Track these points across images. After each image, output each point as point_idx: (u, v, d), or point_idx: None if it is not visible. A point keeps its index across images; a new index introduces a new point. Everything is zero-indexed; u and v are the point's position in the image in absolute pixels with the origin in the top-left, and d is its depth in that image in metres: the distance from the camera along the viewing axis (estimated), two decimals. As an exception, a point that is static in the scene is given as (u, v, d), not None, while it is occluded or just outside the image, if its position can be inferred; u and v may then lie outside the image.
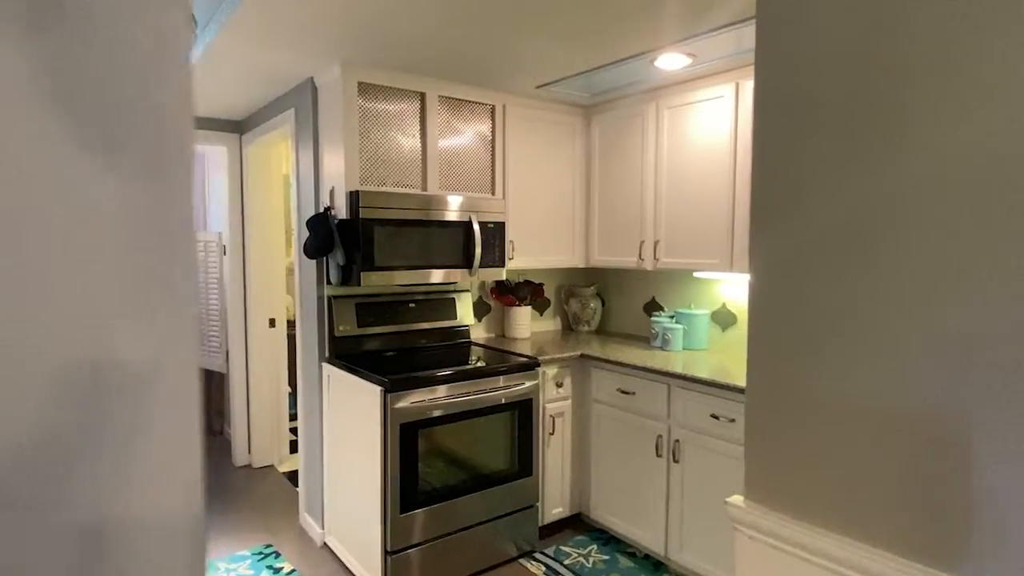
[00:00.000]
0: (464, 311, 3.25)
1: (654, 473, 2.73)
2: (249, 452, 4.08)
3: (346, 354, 2.85)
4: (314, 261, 2.91)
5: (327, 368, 2.87)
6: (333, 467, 2.87)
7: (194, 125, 0.47)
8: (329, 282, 2.82)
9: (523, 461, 2.82)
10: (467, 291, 3.29)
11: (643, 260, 3.16)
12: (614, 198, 3.33)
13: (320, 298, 2.90)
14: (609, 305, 3.78)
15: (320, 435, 2.98)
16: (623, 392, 2.86)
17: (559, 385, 3.00)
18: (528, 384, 2.80)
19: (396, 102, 2.80)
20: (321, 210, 2.78)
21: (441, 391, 2.54)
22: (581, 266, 3.51)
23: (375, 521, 2.47)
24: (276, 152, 3.93)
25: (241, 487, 3.73)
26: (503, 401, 2.72)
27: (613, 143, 3.33)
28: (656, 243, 3.09)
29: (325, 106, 2.81)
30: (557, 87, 3.04)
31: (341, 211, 2.69)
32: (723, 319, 3.15)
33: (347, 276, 2.69)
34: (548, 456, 2.99)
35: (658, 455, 2.70)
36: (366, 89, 2.70)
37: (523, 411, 2.80)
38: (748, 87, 2.66)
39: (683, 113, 2.95)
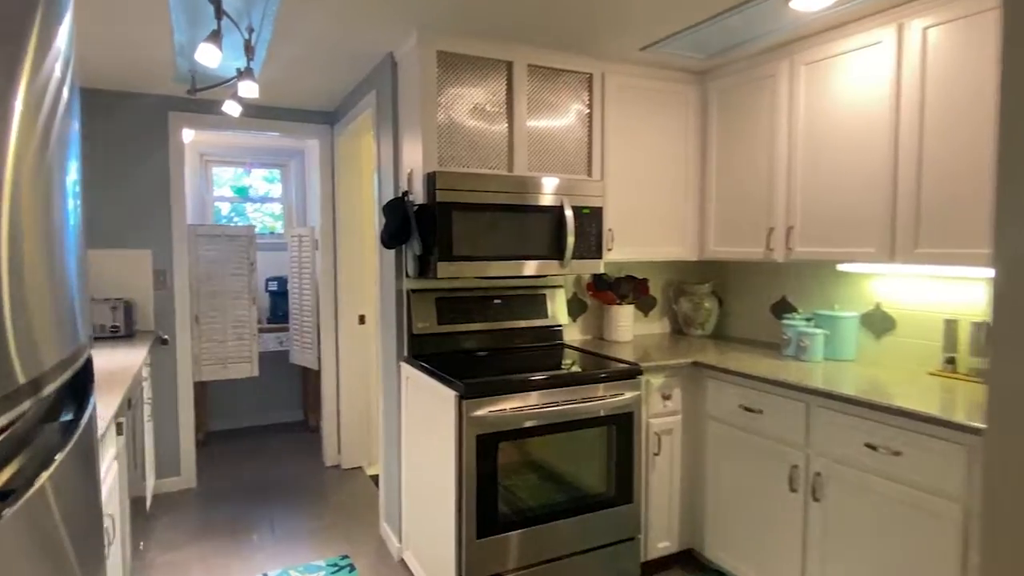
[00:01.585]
0: (557, 309, 2.88)
1: (787, 511, 2.21)
2: (339, 452, 3.97)
3: (424, 354, 2.59)
4: (393, 252, 2.68)
5: (405, 368, 2.62)
6: (411, 476, 2.62)
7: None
8: (407, 275, 2.58)
9: (622, 485, 2.40)
10: (560, 287, 2.92)
11: (772, 250, 2.63)
12: (736, 178, 2.82)
13: (399, 292, 2.67)
14: (728, 305, 3.25)
15: (398, 440, 2.74)
16: (747, 409, 2.36)
17: (666, 397, 2.55)
18: (629, 395, 2.38)
19: (479, 73, 2.49)
20: (399, 195, 2.54)
21: (526, 399, 2.19)
22: (694, 259, 3.02)
23: (449, 544, 2.17)
24: (365, 143, 3.79)
25: (327, 489, 3.60)
26: (600, 413, 2.32)
27: (734, 112, 2.82)
28: (789, 230, 2.55)
29: (404, 82, 2.57)
30: (665, 47, 2.60)
31: (419, 196, 2.43)
32: (876, 323, 2.54)
33: (424, 267, 2.43)
34: (652, 480, 2.55)
35: (792, 489, 2.18)
36: (446, 60, 2.42)
37: (623, 426, 2.39)
38: (915, 28, 2.08)
39: (826, 69, 2.40)
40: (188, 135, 4.16)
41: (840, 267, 2.53)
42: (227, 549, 2.87)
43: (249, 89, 2.29)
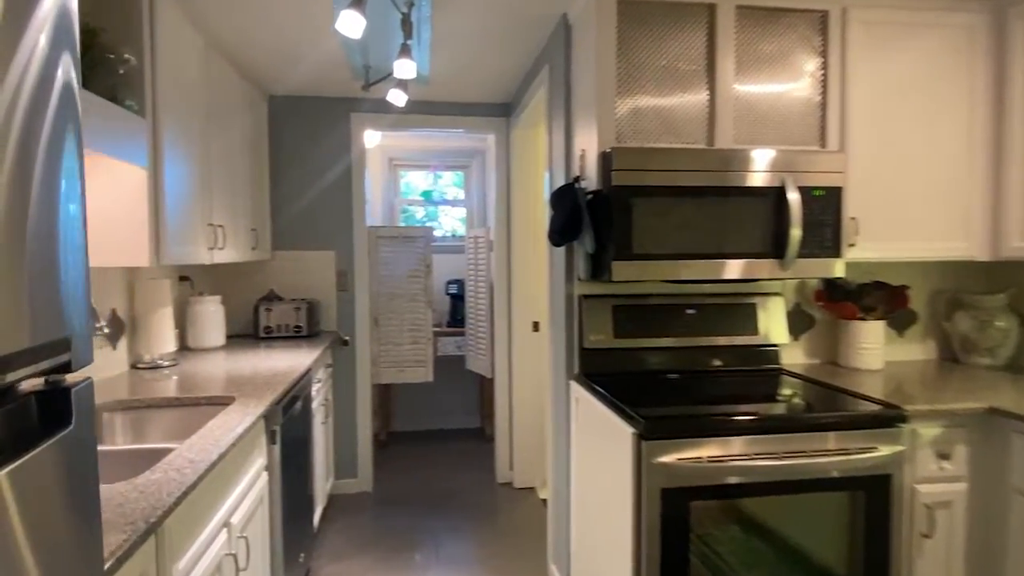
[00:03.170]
0: (771, 323, 2.23)
1: None
2: (511, 468, 3.69)
3: (597, 373, 2.14)
4: (564, 251, 2.28)
5: (575, 388, 2.20)
6: (582, 517, 2.19)
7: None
8: (579, 277, 2.15)
9: (873, 574, 1.70)
10: (777, 294, 2.26)
11: None
12: (1060, 138, 1.92)
13: (568, 297, 2.25)
14: (1034, 324, 2.29)
15: (567, 472, 2.33)
16: (1095, 491, 1.51)
17: (943, 457, 1.78)
18: (884, 451, 1.67)
19: (671, 24, 1.98)
20: (570, 181, 2.12)
21: (728, 446, 1.63)
22: (981, 258, 2.15)
23: (623, 623, 1.69)
24: (540, 135, 3.45)
25: (497, 509, 3.32)
26: (835, 474, 1.66)
27: (1059, 43, 1.92)
28: None
29: (578, 47, 2.15)
30: (947, -43, 1.84)
31: (594, 182, 1.99)
32: None
33: (598, 268, 1.98)
34: (920, 571, 1.79)
35: None
36: (629, 10, 1.95)
37: (874, 493, 1.69)
38: None
39: None
40: (374, 139, 4.23)
41: None
42: (390, 566, 2.71)
43: (406, 69, 2.06)
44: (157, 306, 2.37)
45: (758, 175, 1.90)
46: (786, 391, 1.97)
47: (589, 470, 2.07)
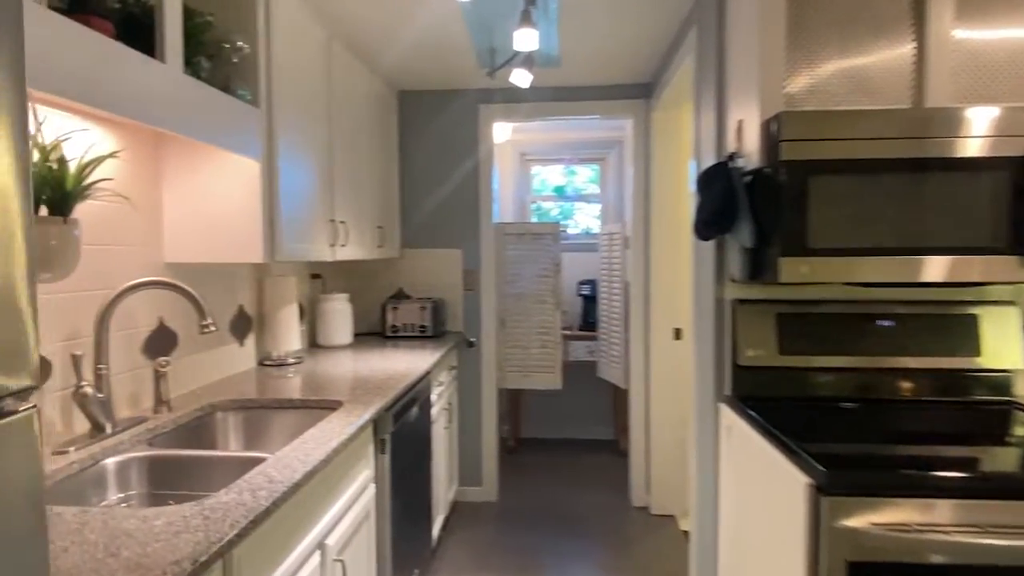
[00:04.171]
0: (1001, 341, 1.69)
1: None
2: (647, 491, 3.33)
3: (755, 397, 1.74)
4: (712, 246, 1.91)
5: (725, 413, 1.82)
6: (731, 560, 1.81)
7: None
8: (732, 278, 1.77)
9: None
10: (1010, 304, 1.71)
11: None
12: None
13: (718, 302, 1.88)
14: None
15: (714, 504, 1.96)
16: None
17: None
18: None
19: (863, -48, 1.54)
20: (722, 159, 1.75)
21: (944, 510, 1.19)
22: None
23: None
24: (684, 116, 3.05)
25: (630, 538, 2.98)
26: (1124, 564, 1.15)
27: None
28: None
29: (735, 1, 1.78)
30: None
31: (753, 159, 1.61)
32: None
33: (758, 266, 1.59)
34: None
35: None
36: (804, -59, 1.55)
37: None
38: None
39: None
40: (505, 133, 4.07)
41: None
42: (509, 590, 2.50)
43: (528, 39, 1.82)
44: (283, 303, 2.36)
45: (987, 141, 1.41)
46: (1022, 434, 1.45)
47: (743, 512, 1.69)
